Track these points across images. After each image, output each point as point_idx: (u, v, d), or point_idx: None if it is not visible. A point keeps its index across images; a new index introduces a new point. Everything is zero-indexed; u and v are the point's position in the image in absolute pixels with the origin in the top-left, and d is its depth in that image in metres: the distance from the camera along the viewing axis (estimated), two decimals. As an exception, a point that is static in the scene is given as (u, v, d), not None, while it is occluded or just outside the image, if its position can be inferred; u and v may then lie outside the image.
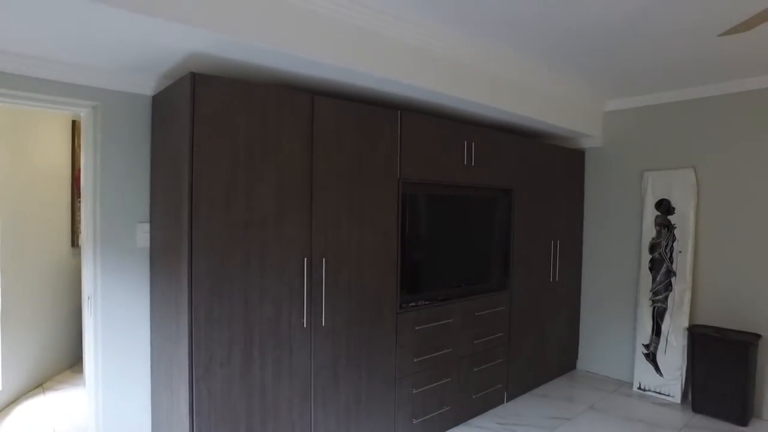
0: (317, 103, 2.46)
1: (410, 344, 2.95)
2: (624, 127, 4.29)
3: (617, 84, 3.77)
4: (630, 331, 4.22)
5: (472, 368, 3.38)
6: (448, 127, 3.15)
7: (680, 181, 3.95)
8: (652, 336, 4.03)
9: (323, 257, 2.50)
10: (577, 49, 3.00)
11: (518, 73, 3.39)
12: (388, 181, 2.81)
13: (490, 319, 3.52)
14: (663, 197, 4.05)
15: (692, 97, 3.88)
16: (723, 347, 3.54)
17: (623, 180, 4.29)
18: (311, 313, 2.46)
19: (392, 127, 2.82)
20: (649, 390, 4.00)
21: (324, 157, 2.50)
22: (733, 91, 3.68)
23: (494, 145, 3.52)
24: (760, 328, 3.59)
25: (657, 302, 4.02)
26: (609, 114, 4.37)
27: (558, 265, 4.19)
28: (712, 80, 3.64)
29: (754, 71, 3.40)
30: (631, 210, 4.24)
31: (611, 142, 4.37)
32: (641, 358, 4.06)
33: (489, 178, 3.49)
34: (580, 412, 3.61)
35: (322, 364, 2.52)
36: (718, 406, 3.55)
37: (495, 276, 3.63)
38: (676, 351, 3.88)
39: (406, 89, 2.79)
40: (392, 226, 2.84)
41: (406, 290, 2.97)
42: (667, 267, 3.99)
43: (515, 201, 3.72)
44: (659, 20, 2.54)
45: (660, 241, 4.04)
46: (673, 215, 3.99)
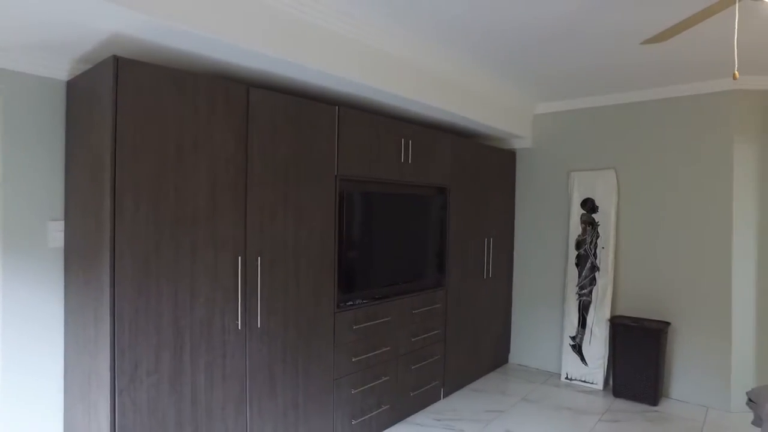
0: (253, 95, 2.36)
1: (349, 344, 2.90)
2: (552, 129, 4.48)
3: (545, 88, 3.93)
4: (558, 325, 4.42)
5: (410, 366, 3.39)
6: (386, 124, 3.14)
7: (603, 181, 4.19)
8: (578, 328, 4.24)
9: (258, 256, 2.39)
10: (508, 53, 3.08)
11: (454, 73, 3.44)
12: (325, 178, 2.74)
13: (427, 316, 3.55)
14: (588, 196, 4.27)
15: (613, 103, 4.12)
16: (639, 335, 3.79)
17: (552, 180, 4.48)
18: (246, 314, 2.35)
19: (330, 123, 2.76)
20: (575, 379, 4.20)
21: (259, 152, 2.40)
22: (650, 99, 3.94)
23: (431, 144, 3.55)
24: (670, 316, 3.88)
25: (583, 296, 4.23)
26: (538, 116, 4.55)
27: (491, 262, 4.31)
28: (632, 87, 3.88)
29: (668, 81, 3.66)
30: (559, 208, 4.44)
31: (540, 143, 4.55)
32: (568, 350, 4.26)
33: (426, 177, 3.51)
34: (513, 404, 3.72)
35: (257, 368, 2.42)
36: (634, 389, 3.80)
37: (431, 274, 3.66)
38: (599, 341, 4.11)
39: (343, 84, 2.75)
40: (330, 223, 2.78)
41: (343, 289, 2.92)
42: (592, 262, 4.21)
43: (450, 199, 3.77)
44: (585, 27, 2.66)
45: (585, 238, 4.26)
46: (596, 213, 4.22)
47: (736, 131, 3.64)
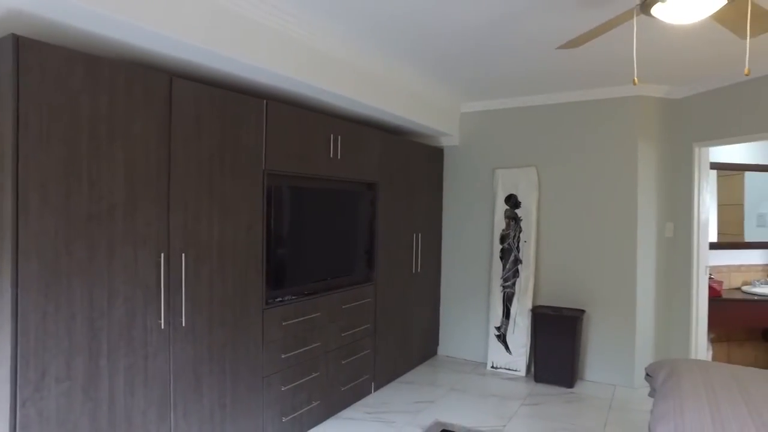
0: (176, 85, 2.26)
1: (278, 340, 2.86)
2: (478, 128, 4.65)
3: (472, 88, 4.08)
4: (484, 316, 4.60)
5: (340, 361, 3.40)
6: (315, 119, 3.12)
7: (525, 178, 4.41)
8: (502, 319, 4.43)
9: (183, 252, 2.30)
10: (439, 54, 3.17)
11: (385, 71, 3.49)
12: (253, 172, 2.69)
13: (356, 311, 3.57)
14: (511, 193, 4.47)
15: (534, 104, 4.34)
16: (558, 323, 4.03)
17: (477, 176, 4.65)
18: (170, 313, 2.25)
19: (258, 117, 2.70)
20: (500, 367, 4.40)
21: (183, 145, 2.30)
22: (567, 101, 4.20)
23: (360, 140, 3.57)
24: (585, 304, 4.16)
25: (507, 288, 4.44)
26: (465, 115, 4.70)
27: (420, 257, 4.41)
28: (551, 90, 4.11)
29: (583, 85, 3.92)
30: (484, 204, 4.62)
31: (467, 141, 4.71)
32: (494, 340, 4.45)
33: (354, 172, 3.53)
34: (442, 394, 3.84)
35: (182, 368, 2.33)
36: (553, 374, 4.04)
37: (361, 269, 3.69)
38: (521, 330, 4.32)
39: (271, 77, 2.70)
40: (258, 219, 2.72)
41: (272, 285, 2.87)
42: (515, 256, 4.42)
43: (379, 195, 3.82)
44: (508, 33, 2.78)
45: (509, 233, 4.46)
46: (519, 209, 4.43)
47: (640, 133, 3.96)
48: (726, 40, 2.86)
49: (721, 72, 3.51)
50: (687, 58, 3.23)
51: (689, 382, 2.09)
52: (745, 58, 3.15)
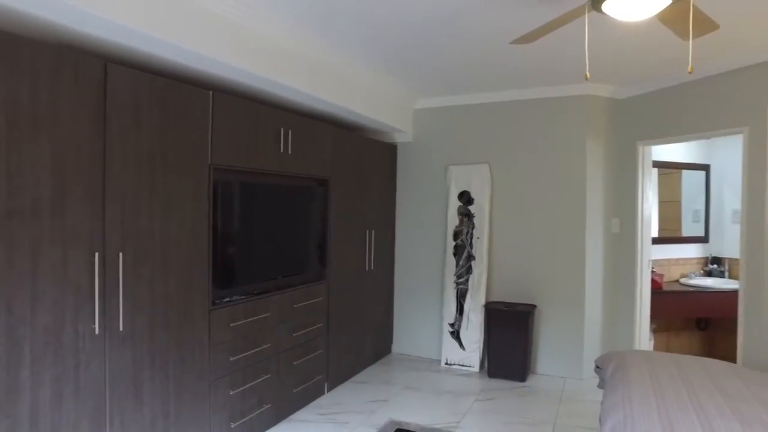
0: (111, 71, 2.10)
1: (226, 342, 2.74)
2: (431, 124, 4.64)
3: (425, 84, 4.06)
4: (438, 313, 4.60)
5: (292, 362, 3.30)
6: (264, 112, 3.01)
7: (478, 174, 4.44)
8: (456, 315, 4.45)
9: (120, 252, 2.14)
10: (392, 48, 3.12)
11: (339, 65, 3.41)
12: (198, 166, 2.55)
13: (308, 310, 3.48)
14: (464, 189, 4.49)
15: (487, 101, 4.37)
16: (510, 319, 4.08)
17: (431, 173, 4.65)
18: (106, 317, 2.09)
19: (203, 109, 2.56)
20: (454, 364, 4.41)
21: (120, 136, 2.14)
22: (519, 99, 4.25)
23: (311, 134, 3.48)
24: (536, 299, 4.24)
25: (460, 284, 4.45)
26: (418, 111, 4.69)
27: (373, 254, 4.36)
28: (504, 87, 4.15)
29: (535, 83, 3.97)
30: (437, 201, 4.62)
31: (420, 137, 4.69)
32: (447, 337, 4.46)
33: (305, 168, 3.43)
34: (396, 392, 3.80)
35: (120, 376, 2.17)
36: (506, 369, 4.09)
37: (313, 266, 3.60)
38: (475, 326, 4.36)
39: (218, 67, 2.57)
40: (203, 215, 2.59)
41: (220, 285, 2.74)
42: (468, 252, 4.44)
43: (331, 191, 3.73)
44: (463, 27, 2.77)
45: (462, 229, 4.48)
46: (472, 205, 4.45)
47: (588, 132, 4.06)
48: (667, 44, 2.96)
49: (663, 74, 3.64)
50: (632, 59, 3.32)
51: (636, 373, 2.14)
52: (687, 59, 3.27)
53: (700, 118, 3.56)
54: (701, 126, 3.56)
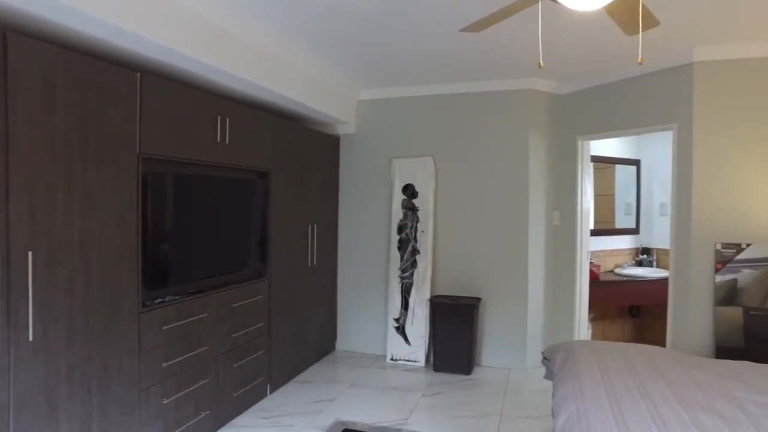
0: (12, 42, 1.83)
1: (158, 347, 2.51)
2: (375, 116, 4.55)
3: (370, 74, 3.95)
4: (383, 308, 4.53)
5: (232, 364, 3.11)
6: (200, 98, 2.79)
7: (422, 167, 4.39)
8: (401, 310, 4.40)
9: (29, 251, 1.89)
10: (333, 32, 2.98)
11: (281, 53, 3.25)
12: (124, 156, 2.31)
13: (249, 309, 3.29)
14: (408, 182, 4.43)
15: (432, 93, 4.33)
16: (455, 312, 4.08)
17: (375, 166, 4.55)
18: (10, 326, 1.83)
19: (130, 91, 2.32)
20: (399, 359, 4.36)
21: (27, 118, 1.88)
22: (464, 92, 4.24)
23: (251, 124, 3.28)
24: (481, 292, 4.26)
25: (405, 279, 4.40)
26: (362, 102, 4.57)
27: (316, 249, 4.21)
28: (448, 80, 4.12)
29: (479, 76, 3.97)
30: (381, 194, 4.54)
31: (364, 129, 4.58)
32: (393, 332, 4.40)
33: (245, 159, 3.24)
34: (342, 391, 3.69)
35: (29, 395, 1.91)
36: (452, 362, 4.09)
37: (253, 263, 3.41)
38: (420, 321, 4.32)
39: (146, 47, 2.34)
40: (131, 210, 2.35)
41: (150, 285, 2.51)
42: (413, 246, 4.39)
43: (272, 184, 3.55)
44: (409, 14, 2.68)
45: (406, 223, 4.43)
46: (416, 199, 4.41)
47: (531, 126, 4.12)
48: (609, 41, 3.02)
49: (602, 70, 3.74)
50: (574, 54, 3.38)
51: (585, 364, 2.16)
52: (627, 57, 3.37)
53: (634, 114, 3.69)
54: (636, 122, 3.69)
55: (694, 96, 3.30)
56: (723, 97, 3.27)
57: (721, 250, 3.31)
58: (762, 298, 3.27)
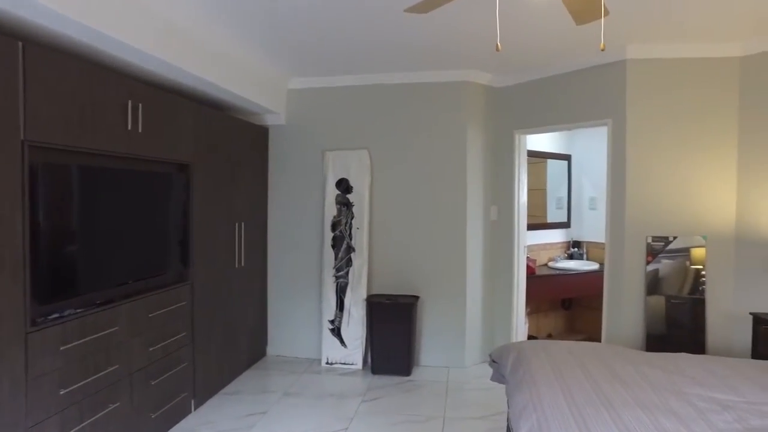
0: None
1: (54, 372, 2.12)
2: (306, 106, 4.27)
3: (301, 60, 3.67)
4: (317, 310, 4.28)
5: (149, 382, 2.75)
6: (105, 78, 2.40)
7: (357, 161, 4.18)
8: (336, 311, 4.17)
9: None
10: (261, 12, 2.69)
11: (200, 29, 2.89)
12: (4, 143, 1.90)
13: (168, 318, 2.93)
14: (342, 177, 4.21)
15: (367, 83, 4.12)
16: (393, 311, 3.92)
17: (306, 159, 4.29)
18: None
19: (10, 65, 1.92)
20: (336, 363, 4.14)
21: None
22: (400, 82, 4.06)
23: (168, 111, 2.91)
24: (419, 290, 4.13)
25: (340, 278, 4.18)
26: (292, 92, 4.28)
27: (244, 249, 3.89)
28: (384, 70, 3.93)
29: (416, 67, 3.81)
30: (314, 189, 4.28)
31: (294, 120, 4.30)
32: (328, 334, 4.17)
33: (162, 150, 2.87)
34: (275, 401, 3.42)
35: None
36: (391, 364, 3.93)
37: (173, 266, 3.05)
38: (357, 322, 4.12)
39: (32, 11, 1.94)
40: (14, 208, 1.95)
41: (44, 298, 2.12)
42: (348, 243, 4.18)
43: (194, 178, 3.20)
44: (347, -11, 2.46)
45: (341, 219, 4.20)
46: (351, 194, 4.19)
47: (469, 119, 4.03)
48: (551, 34, 2.96)
49: (539, 64, 3.71)
50: (513, 48, 3.30)
51: (539, 368, 2.07)
52: (568, 52, 3.34)
53: (571, 109, 3.70)
54: (572, 117, 3.70)
55: (627, 93, 3.35)
56: (654, 94, 3.34)
57: (651, 243, 3.39)
58: (679, 287, 3.39)
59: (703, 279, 3.35)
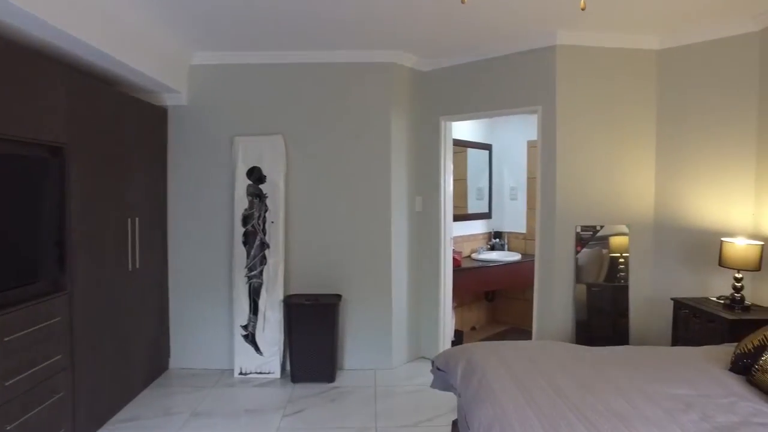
0: None
1: None
2: (212, 85, 3.76)
3: (206, 31, 3.18)
4: (227, 315, 3.81)
5: (5, 426, 2.15)
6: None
7: (271, 148, 3.76)
8: (250, 315, 3.74)
9: None
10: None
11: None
12: None
13: (37, 339, 2.35)
14: (254, 165, 3.77)
15: (283, 61, 3.70)
16: (314, 313, 3.59)
17: (213, 145, 3.78)
18: None
19: None
20: (251, 373, 3.71)
21: None
22: (321, 61, 3.70)
23: (27, 75, 2.31)
24: (341, 288, 3.82)
25: (253, 278, 3.75)
26: (196, 68, 3.74)
27: (138, 248, 3.32)
28: (303, 46, 3.55)
29: (338, 44, 3.46)
30: (222, 179, 3.79)
31: (199, 101, 3.76)
32: (240, 341, 3.73)
33: (23, 127, 2.28)
34: (181, 424, 2.94)
35: None
36: (312, 370, 3.60)
37: (47, 274, 2.47)
38: (273, 326, 3.72)
39: None
40: None
41: None
42: (261, 239, 3.76)
43: (71, 164, 2.61)
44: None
45: (253, 212, 3.77)
46: (264, 184, 3.77)
47: (393, 104, 3.77)
48: (476, 14, 2.77)
49: (466, 47, 3.53)
50: (439, 28, 3.08)
51: (496, 378, 1.85)
52: (492, 34, 3.18)
53: (499, 95, 3.57)
54: (501, 103, 3.58)
55: (558, 79, 3.27)
56: (582, 83, 3.30)
57: (580, 233, 3.37)
58: (604, 275, 3.42)
59: (622, 266, 3.39)
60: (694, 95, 3.21)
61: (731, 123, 3.09)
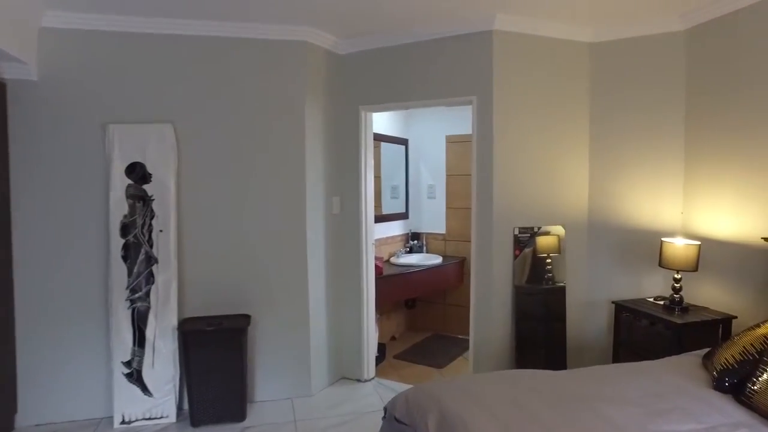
0: None
1: None
2: (74, 57, 2.92)
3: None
4: (103, 349, 3.01)
5: None
6: None
7: (157, 139, 3.05)
8: (134, 348, 3.00)
9: None
10: None
11: None
12: None
13: None
14: (136, 160, 3.03)
15: (172, 32, 2.99)
16: (217, 339, 3.00)
17: (76, 133, 2.96)
18: None
19: None
20: (136, 420, 2.97)
21: None
22: (215, 34, 3.06)
23: None
24: (250, 307, 3.23)
25: (137, 302, 3.01)
26: (49, 31, 2.86)
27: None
28: (192, 15, 2.87)
29: (238, 14, 2.84)
30: (91, 178, 2.99)
31: (55, 75, 2.90)
32: (122, 381, 2.97)
33: None
34: None
35: None
36: (217, 409, 2.99)
37: None
38: (166, 359, 3.02)
39: None
40: None
41: None
42: (147, 252, 3.03)
43: None
44: None
45: (135, 219, 3.03)
46: (149, 184, 3.05)
47: (308, 91, 3.25)
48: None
49: (390, 28, 3.13)
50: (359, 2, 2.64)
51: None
52: (417, 17, 2.81)
53: (429, 83, 3.23)
54: (431, 92, 3.24)
55: (494, 68, 3.00)
56: (519, 73, 3.08)
57: (518, 235, 3.15)
58: (530, 277, 3.26)
59: (549, 267, 3.25)
60: (623, 93, 3.15)
61: (660, 122, 3.06)
